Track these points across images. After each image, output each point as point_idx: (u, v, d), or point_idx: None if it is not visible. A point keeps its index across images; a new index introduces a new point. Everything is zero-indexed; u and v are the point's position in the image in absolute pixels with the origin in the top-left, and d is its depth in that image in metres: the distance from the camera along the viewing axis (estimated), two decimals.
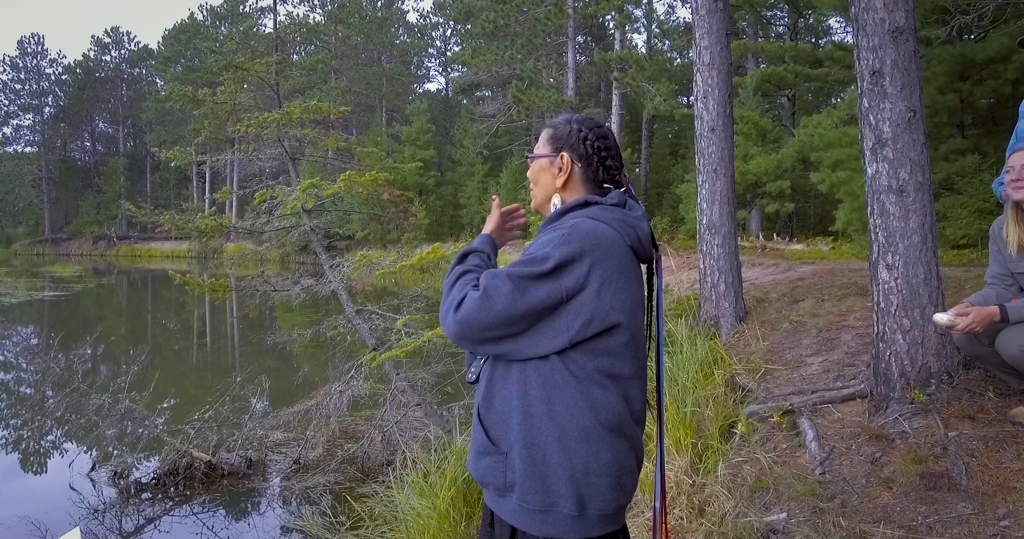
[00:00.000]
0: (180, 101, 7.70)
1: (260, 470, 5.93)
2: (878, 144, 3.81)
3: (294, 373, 9.82)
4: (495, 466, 1.45)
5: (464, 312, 1.36)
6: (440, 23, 46.68)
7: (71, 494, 5.49)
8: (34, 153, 49.88)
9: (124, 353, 11.90)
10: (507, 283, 1.35)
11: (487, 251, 1.63)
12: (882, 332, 3.73)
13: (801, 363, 4.57)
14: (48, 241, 46.36)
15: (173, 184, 48.59)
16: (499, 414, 1.45)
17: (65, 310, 19.40)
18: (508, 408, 1.44)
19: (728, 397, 4.13)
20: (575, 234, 1.39)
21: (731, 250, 6.15)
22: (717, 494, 3.10)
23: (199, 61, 42.80)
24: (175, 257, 37.98)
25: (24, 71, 50.01)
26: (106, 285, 27.68)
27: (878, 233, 3.78)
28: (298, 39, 39.00)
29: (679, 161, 27.37)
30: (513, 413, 1.43)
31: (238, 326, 16.38)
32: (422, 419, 6.00)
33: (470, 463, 1.53)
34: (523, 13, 24.21)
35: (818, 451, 3.34)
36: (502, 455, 1.44)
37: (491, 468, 1.46)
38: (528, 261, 1.38)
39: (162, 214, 6.98)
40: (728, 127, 6.43)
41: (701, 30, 6.58)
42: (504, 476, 1.44)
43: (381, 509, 4.11)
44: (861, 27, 3.92)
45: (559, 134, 1.62)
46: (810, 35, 29.38)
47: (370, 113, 41.12)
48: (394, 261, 6.86)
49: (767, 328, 5.61)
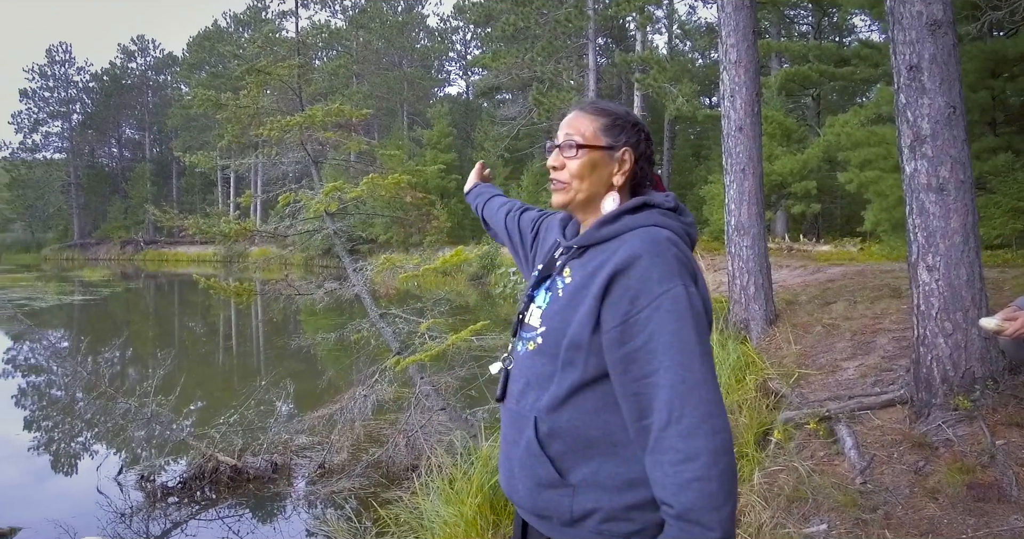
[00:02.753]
0: (204, 106, 7.73)
1: (285, 474, 5.91)
2: (916, 141, 3.69)
3: (319, 376, 9.83)
4: (560, 500, 1.32)
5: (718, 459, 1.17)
6: (460, 27, 46.75)
7: (99, 498, 5.51)
8: (63, 159, 50.69)
9: (151, 356, 12.01)
10: (708, 382, 1.20)
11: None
12: (923, 336, 3.61)
13: (836, 367, 4.45)
14: (77, 246, 47.08)
15: (199, 188, 49.18)
16: (570, 445, 1.31)
17: (94, 314, 19.67)
18: (585, 439, 1.30)
19: (761, 403, 4.02)
20: (670, 257, 1.25)
21: (760, 252, 6.03)
22: (753, 504, 3.00)
23: (223, 67, 43.26)
24: (201, 261, 38.39)
25: (52, 79, 50.89)
26: (134, 289, 28.05)
27: (917, 233, 3.66)
28: (320, 44, 39.37)
29: (702, 162, 27.13)
30: (593, 445, 1.30)
31: (263, 329, 16.49)
32: (446, 423, 5.94)
33: (524, 496, 1.37)
34: (543, 15, 24.15)
35: (858, 459, 3.23)
36: (569, 487, 1.31)
37: (555, 502, 1.32)
38: (682, 322, 1.21)
39: (187, 219, 7.01)
40: (756, 126, 6.32)
41: (727, 28, 6.48)
42: (571, 510, 1.31)
43: (407, 516, 4.06)
44: (897, 21, 3.81)
45: (618, 124, 1.42)
46: (834, 34, 29.01)
47: (392, 117, 41.32)
48: (417, 264, 6.83)
49: (799, 331, 5.48)
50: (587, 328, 1.27)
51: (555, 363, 1.32)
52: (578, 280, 1.34)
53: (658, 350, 1.20)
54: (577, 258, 1.39)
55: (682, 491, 1.14)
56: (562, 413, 1.31)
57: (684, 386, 1.18)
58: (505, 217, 1.90)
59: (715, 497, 1.14)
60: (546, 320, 1.36)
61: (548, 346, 1.34)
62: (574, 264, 1.39)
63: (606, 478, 1.29)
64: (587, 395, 1.30)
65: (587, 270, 1.33)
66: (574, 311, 1.31)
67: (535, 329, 1.38)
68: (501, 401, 1.45)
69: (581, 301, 1.30)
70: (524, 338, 1.42)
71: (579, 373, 1.29)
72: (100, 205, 50.75)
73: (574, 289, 1.34)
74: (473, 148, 34.35)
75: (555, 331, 1.33)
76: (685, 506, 1.14)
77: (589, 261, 1.35)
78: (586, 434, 1.30)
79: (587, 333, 1.27)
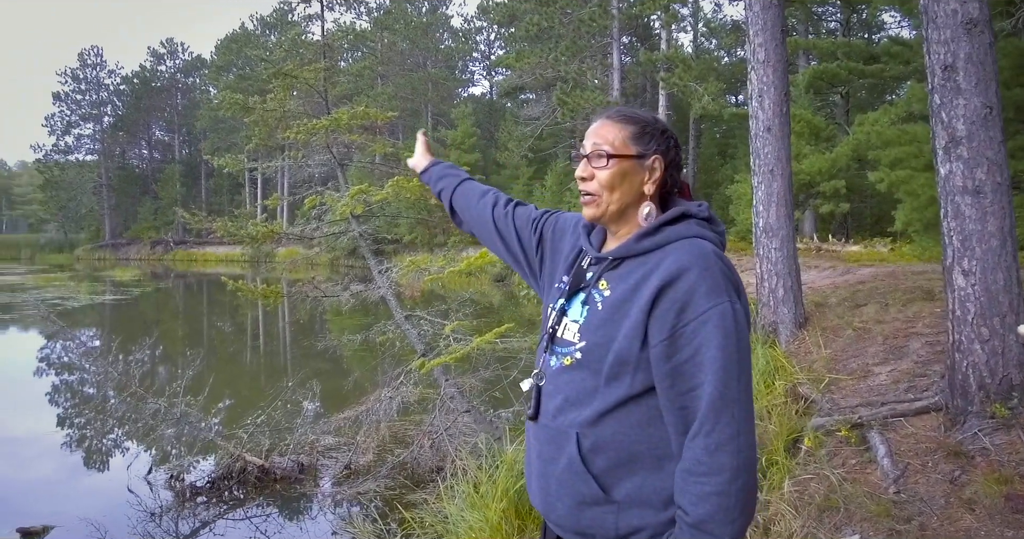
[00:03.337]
0: (231, 109, 7.81)
1: (312, 475, 5.96)
2: (951, 142, 3.61)
3: (345, 376, 9.90)
4: (605, 517, 1.29)
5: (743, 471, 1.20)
6: (484, 27, 46.83)
7: (129, 496, 5.59)
8: (94, 161, 51.62)
9: (181, 355, 12.19)
10: (744, 400, 1.21)
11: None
12: (958, 341, 3.53)
13: (868, 373, 4.37)
14: (108, 246, 47.94)
15: (227, 189, 49.82)
16: (614, 460, 1.29)
17: (125, 314, 20.02)
18: (629, 453, 1.28)
19: (790, 408, 3.96)
20: (717, 271, 1.25)
21: (789, 254, 5.94)
22: (783, 512, 2.95)
23: (250, 69, 43.73)
24: (229, 261, 38.91)
25: (84, 82, 51.83)
26: (163, 289, 28.49)
27: (953, 237, 3.58)
28: (345, 46, 39.64)
29: (728, 161, 26.87)
30: (638, 459, 1.28)
31: (290, 329, 16.65)
32: (471, 425, 5.94)
33: (564, 514, 1.34)
34: (567, 15, 24.07)
35: (891, 468, 3.16)
36: (614, 504, 1.29)
37: (599, 519, 1.30)
38: (727, 339, 1.21)
39: (214, 221, 7.09)
40: (784, 126, 6.24)
41: (755, 27, 6.40)
42: (616, 528, 1.29)
43: (432, 519, 4.07)
44: (931, 19, 3.73)
45: (648, 132, 1.39)
46: (863, 31, 28.57)
47: (416, 118, 41.49)
48: (442, 266, 6.82)
49: (829, 335, 5.40)
50: (635, 342, 1.26)
51: (598, 378, 1.30)
52: (619, 293, 1.31)
53: (703, 364, 1.21)
54: (613, 270, 1.36)
55: (700, 502, 1.18)
56: (606, 427, 1.29)
57: (720, 402, 1.19)
58: (492, 211, 1.71)
59: (731, 511, 1.17)
60: (585, 334, 1.33)
61: (589, 361, 1.31)
62: (611, 276, 1.36)
63: (651, 493, 1.28)
64: (632, 409, 1.29)
65: (628, 283, 1.31)
66: (617, 325, 1.29)
67: (572, 344, 1.35)
68: (535, 419, 1.40)
69: (625, 315, 1.28)
70: (559, 353, 1.38)
71: (626, 388, 1.28)
72: (131, 206, 51.63)
73: (616, 302, 1.31)
74: (497, 148, 34.36)
75: (597, 346, 1.30)
76: (701, 517, 1.18)
77: (629, 273, 1.33)
78: (631, 448, 1.28)
79: (635, 347, 1.26)
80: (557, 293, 1.47)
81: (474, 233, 1.78)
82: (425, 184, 1.94)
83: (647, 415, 1.28)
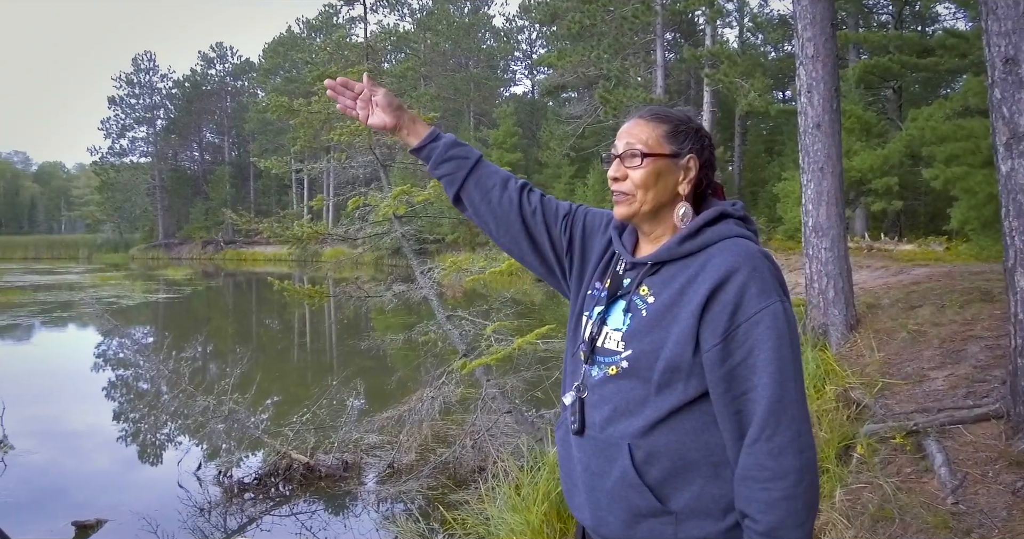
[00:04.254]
0: (277, 112, 7.95)
1: (356, 473, 6.03)
2: (1013, 139, 3.45)
3: (388, 374, 10.01)
4: (663, 529, 1.26)
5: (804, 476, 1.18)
6: (526, 26, 46.82)
7: (179, 491, 5.74)
8: (148, 163, 53.17)
9: (230, 352, 12.50)
10: (801, 411, 1.20)
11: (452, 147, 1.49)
12: (1020, 346, 3.38)
13: (923, 377, 4.21)
14: (161, 246, 49.37)
15: (274, 190, 50.83)
16: (669, 470, 1.26)
17: (177, 311, 20.60)
18: (685, 461, 1.25)
19: (842, 414, 3.84)
20: (766, 271, 1.22)
21: (840, 254, 5.78)
22: (835, 522, 2.86)
23: (296, 72, 44.54)
24: (277, 260, 39.72)
25: (138, 86, 53.42)
26: (214, 287, 29.24)
27: (1015, 236, 3.42)
28: (389, 47, 40.01)
29: (775, 159, 26.32)
30: (694, 467, 1.25)
31: (335, 328, 16.91)
32: (513, 426, 5.94)
33: (618, 528, 1.30)
34: (609, 12, 23.89)
35: (949, 477, 3.04)
36: (671, 515, 1.25)
37: (657, 532, 1.27)
38: (780, 340, 1.19)
39: (261, 222, 7.24)
40: (835, 123, 6.07)
41: (804, 21, 6.24)
42: (676, 538, 1.26)
43: (473, 520, 4.07)
44: (991, 10, 3.58)
45: (682, 131, 1.35)
46: (916, 23, 27.68)
47: (458, 118, 41.71)
48: (483, 267, 6.83)
49: (882, 337, 5.23)
50: (687, 348, 1.23)
51: (648, 386, 1.26)
52: (665, 298, 1.28)
53: (757, 366, 1.19)
54: (654, 275, 1.32)
55: (770, 509, 1.16)
56: (659, 437, 1.26)
57: (779, 405, 1.18)
58: (520, 208, 1.49)
59: (799, 514, 1.16)
60: (631, 343, 1.29)
61: (637, 369, 1.28)
62: (652, 281, 1.32)
63: (710, 501, 1.25)
64: (686, 416, 1.26)
65: (673, 287, 1.28)
66: (666, 331, 1.25)
67: (617, 353, 1.31)
68: (580, 434, 1.36)
69: (673, 321, 1.25)
70: (602, 363, 1.34)
71: (679, 395, 1.25)
72: (183, 207, 53.07)
73: (661, 308, 1.28)
74: (538, 147, 34.33)
75: (645, 354, 1.27)
76: (771, 524, 1.16)
77: (672, 277, 1.29)
78: (686, 456, 1.25)
79: (688, 353, 1.23)
80: (592, 301, 1.42)
81: (488, 226, 1.53)
82: (418, 158, 1.57)
83: (701, 422, 1.25)
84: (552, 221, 1.50)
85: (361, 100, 1.53)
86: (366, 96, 1.53)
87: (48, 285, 27.07)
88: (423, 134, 1.54)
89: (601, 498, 1.31)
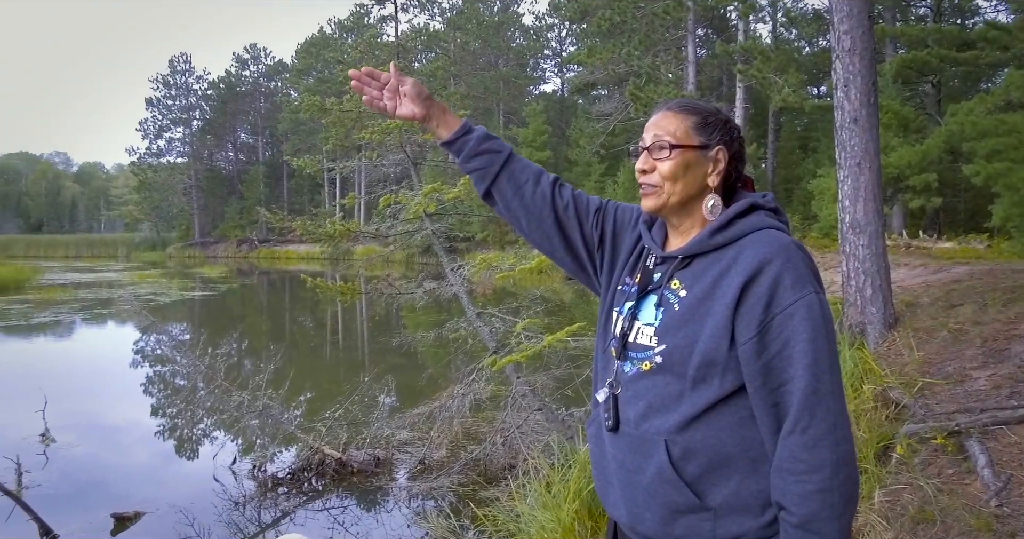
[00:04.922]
0: (310, 111, 8.04)
1: (387, 469, 6.07)
2: None
3: (419, 370, 10.07)
4: (701, 525, 1.24)
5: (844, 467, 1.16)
6: (555, 24, 46.73)
7: (215, 485, 5.84)
8: (184, 163, 54.28)
9: (265, 349, 12.68)
10: (838, 399, 1.18)
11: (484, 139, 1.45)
12: None
13: (965, 377, 4.11)
14: (197, 244, 50.36)
15: (307, 189, 51.54)
16: (707, 465, 1.24)
17: (212, 309, 20.97)
18: (722, 457, 1.23)
19: (880, 414, 3.76)
20: (800, 262, 1.21)
21: (878, 251, 5.66)
22: (874, 524, 2.80)
23: (328, 72, 45.06)
24: (310, 258, 40.22)
25: (175, 88, 54.54)
26: (248, 285, 29.70)
27: None
28: (419, 47, 40.28)
29: (810, 155, 25.91)
30: (731, 462, 1.23)
31: (367, 325, 17.07)
32: (543, 423, 5.93)
33: (655, 525, 1.28)
34: (640, 9, 23.70)
35: (992, 479, 2.96)
36: (709, 511, 1.23)
37: (695, 528, 1.25)
38: (816, 331, 1.17)
39: (294, 220, 7.33)
40: (872, 117, 5.95)
41: (840, 14, 6.12)
42: (713, 535, 1.24)
43: (504, 517, 4.07)
44: None
45: (710, 122, 1.32)
46: (956, 16, 26.99)
47: (488, 117, 41.81)
48: (513, 264, 6.83)
49: (921, 336, 5.11)
50: (723, 341, 1.21)
51: (683, 381, 1.25)
52: (697, 292, 1.26)
53: (793, 358, 1.17)
54: (685, 268, 1.30)
55: (805, 502, 1.15)
56: (695, 432, 1.24)
57: (814, 396, 1.16)
58: (552, 204, 1.47)
59: (836, 507, 1.14)
60: (664, 338, 1.27)
61: (672, 364, 1.26)
62: (683, 275, 1.30)
63: (748, 497, 1.23)
64: (723, 411, 1.24)
65: (706, 281, 1.26)
66: (700, 325, 1.24)
67: (650, 348, 1.29)
68: (615, 431, 1.34)
69: (707, 314, 1.23)
70: (635, 359, 1.32)
71: (715, 389, 1.23)
72: (218, 206, 54.04)
73: (694, 302, 1.26)
74: (568, 145, 34.23)
75: (679, 349, 1.25)
76: (806, 516, 1.15)
77: (704, 270, 1.27)
78: (724, 452, 1.24)
79: (723, 347, 1.21)
80: (623, 296, 1.40)
81: (519, 222, 1.51)
82: (448, 151, 1.51)
83: (738, 416, 1.23)
84: (584, 216, 1.49)
85: (388, 90, 1.47)
86: (393, 86, 1.47)
87: (88, 283, 27.76)
88: (455, 126, 1.48)
89: (637, 495, 1.30)
